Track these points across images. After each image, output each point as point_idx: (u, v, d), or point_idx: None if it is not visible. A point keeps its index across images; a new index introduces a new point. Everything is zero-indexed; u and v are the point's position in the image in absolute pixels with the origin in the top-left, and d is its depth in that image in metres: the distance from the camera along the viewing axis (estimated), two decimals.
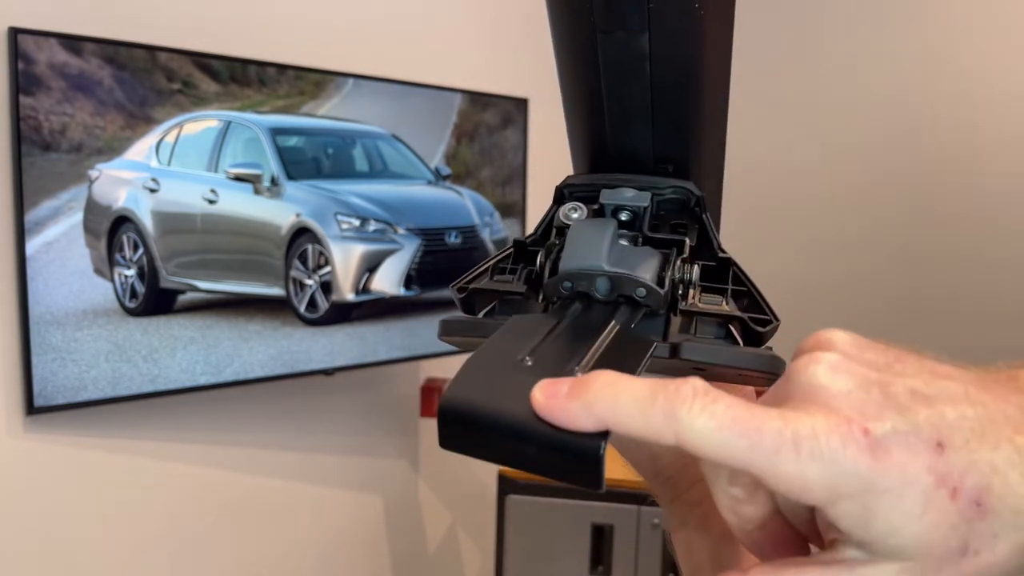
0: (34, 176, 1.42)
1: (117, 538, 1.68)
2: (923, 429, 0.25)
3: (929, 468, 0.24)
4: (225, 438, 1.84)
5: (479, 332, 0.37)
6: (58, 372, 1.47)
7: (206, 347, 1.65)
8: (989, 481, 0.24)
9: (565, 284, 0.35)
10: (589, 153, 0.41)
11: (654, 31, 0.33)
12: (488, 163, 2.11)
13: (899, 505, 0.24)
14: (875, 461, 0.24)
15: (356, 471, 2.13)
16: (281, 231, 1.73)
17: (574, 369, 0.30)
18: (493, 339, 0.32)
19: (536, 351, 0.31)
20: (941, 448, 0.25)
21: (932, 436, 0.25)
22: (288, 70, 1.73)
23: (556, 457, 0.28)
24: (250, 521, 1.92)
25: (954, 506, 0.24)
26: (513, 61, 2.26)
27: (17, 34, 1.38)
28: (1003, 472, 0.25)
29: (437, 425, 0.29)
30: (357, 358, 1.88)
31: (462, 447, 0.30)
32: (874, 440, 0.24)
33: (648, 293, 0.34)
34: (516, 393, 0.29)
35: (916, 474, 0.24)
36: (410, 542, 2.31)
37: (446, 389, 0.29)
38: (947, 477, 0.24)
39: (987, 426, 0.25)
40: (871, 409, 0.25)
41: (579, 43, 0.35)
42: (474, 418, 0.29)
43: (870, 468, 0.24)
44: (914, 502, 0.24)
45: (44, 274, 1.45)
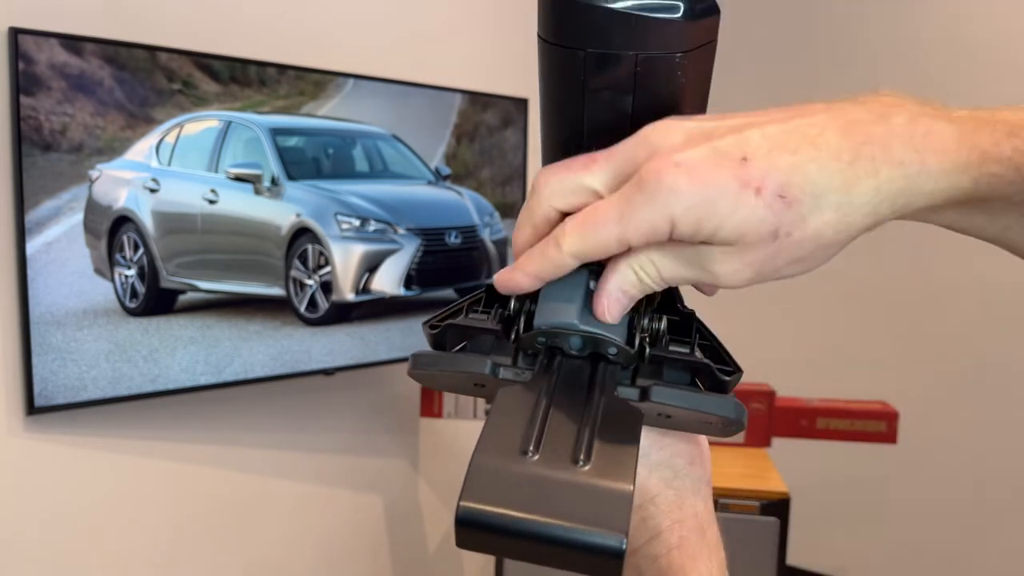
0: (34, 176, 1.42)
1: (117, 538, 1.68)
2: (729, 151, 0.32)
3: (735, 176, 0.31)
4: (225, 438, 1.84)
5: (451, 366, 0.38)
6: (58, 372, 1.47)
7: (206, 347, 1.65)
8: (789, 178, 0.31)
9: (540, 339, 0.37)
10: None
11: (639, 92, 0.36)
12: (488, 163, 2.11)
13: (715, 210, 0.32)
14: (690, 181, 0.31)
15: (356, 471, 2.13)
16: (281, 231, 1.73)
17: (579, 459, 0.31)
18: (490, 426, 0.33)
19: (535, 438, 0.32)
20: (746, 161, 0.32)
21: (737, 153, 0.32)
22: (288, 70, 1.73)
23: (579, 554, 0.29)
24: (250, 521, 1.92)
25: (760, 201, 0.31)
26: (513, 61, 2.26)
27: (17, 34, 1.38)
28: (802, 168, 0.31)
29: (455, 527, 0.30)
30: (357, 358, 1.88)
31: (480, 547, 0.31)
32: (686, 166, 0.32)
33: (619, 352, 0.36)
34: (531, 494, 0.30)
35: (724, 183, 0.31)
36: (410, 542, 2.31)
37: (461, 493, 0.30)
38: (751, 180, 0.31)
39: (790, 136, 0.32)
40: (687, 148, 0.32)
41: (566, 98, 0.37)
42: (492, 524, 0.30)
43: (687, 185, 0.31)
44: (726, 204, 0.31)
45: (44, 274, 1.45)
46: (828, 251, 0.34)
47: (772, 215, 0.32)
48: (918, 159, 0.32)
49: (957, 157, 0.32)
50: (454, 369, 0.37)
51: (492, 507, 0.30)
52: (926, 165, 0.32)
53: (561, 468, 0.31)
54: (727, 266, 0.33)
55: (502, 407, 0.34)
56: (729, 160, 0.32)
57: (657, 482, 0.41)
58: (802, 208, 0.32)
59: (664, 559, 0.39)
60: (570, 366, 0.36)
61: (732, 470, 1.85)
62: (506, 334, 0.38)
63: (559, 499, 0.30)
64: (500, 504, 0.30)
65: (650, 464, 0.41)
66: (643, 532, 0.40)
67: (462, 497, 0.30)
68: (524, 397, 0.34)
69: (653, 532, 0.40)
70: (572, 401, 0.34)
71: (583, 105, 0.37)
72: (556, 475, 0.31)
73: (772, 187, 0.31)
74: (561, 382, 0.35)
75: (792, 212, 0.32)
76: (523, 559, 0.30)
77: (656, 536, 0.39)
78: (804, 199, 0.32)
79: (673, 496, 0.41)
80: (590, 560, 0.29)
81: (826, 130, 0.32)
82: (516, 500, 0.30)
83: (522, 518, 0.29)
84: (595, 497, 0.30)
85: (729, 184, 0.31)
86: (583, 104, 0.37)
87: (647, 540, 0.40)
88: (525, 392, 0.35)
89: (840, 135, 0.32)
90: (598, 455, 0.31)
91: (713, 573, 0.39)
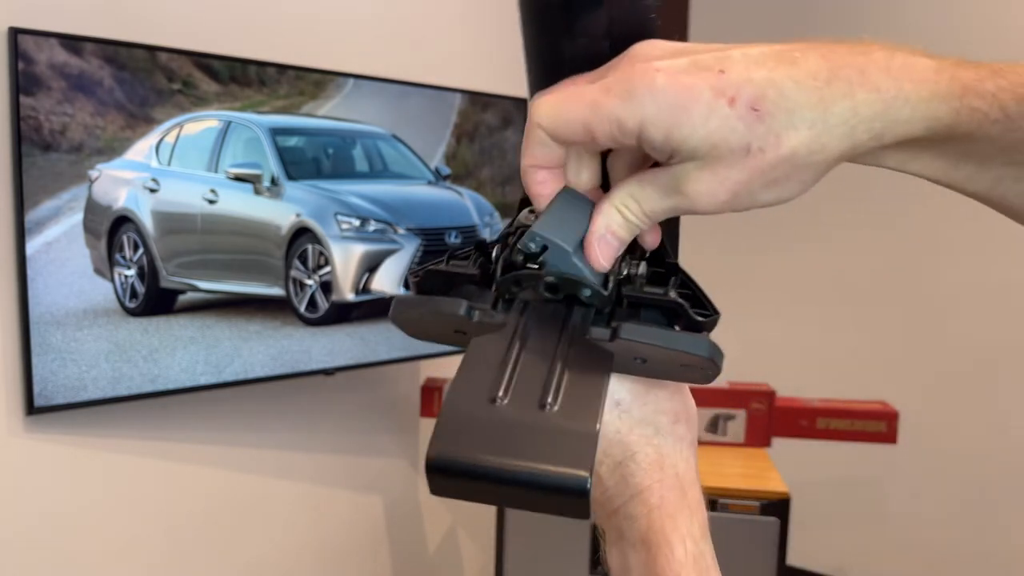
0: (34, 176, 1.42)
1: (117, 537, 1.68)
2: (708, 62, 0.32)
3: (710, 85, 0.32)
4: (225, 438, 1.84)
5: (426, 307, 0.38)
6: (58, 372, 1.47)
7: (206, 347, 1.65)
8: (764, 91, 0.32)
9: (515, 284, 0.37)
10: None
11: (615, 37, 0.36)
12: (488, 163, 2.11)
13: (687, 116, 0.32)
14: (667, 83, 0.32)
15: (356, 471, 2.13)
16: (281, 231, 1.73)
17: (546, 403, 0.32)
18: (460, 374, 0.33)
19: (505, 383, 0.32)
20: (722, 73, 0.32)
21: (715, 66, 0.32)
22: (288, 70, 1.73)
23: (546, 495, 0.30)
24: (250, 521, 1.92)
25: (733, 111, 0.32)
26: (513, 61, 2.25)
27: (17, 34, 1.38)
28: (778, 83, 0.32)
29: (427, 475, 0.31)
30: (357, 358, 1.88)
31: (452, 494, 0.31)
32: (667, 73, 0.32)
33: (592, 294, 0.36)
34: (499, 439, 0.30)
35: (699, 90, 0.32)
36: (410, 542, 2.31)
37: (431, 441, 0.31)
38: (725, 90, 0.32)
39: (768, 57, 0.32)
40: (669, 58, 0.33)
41: (547, 50, 0.39)
42: (463, 469, 0.30)
43: (662, 91, 0.32)
44: (697, 111, 0.32)
45: (44, 274, 1.45)
46: (803, 176, 0.33)
47: (744, 127, 0.32)
48: (895, 85, 0.32)
49: (936, 87, 0.32)
50: (429, 310, 0.37)
51: (461, 454, 0.30)
52: (903, 91, 0.32)
53: (528, 412, 0.31)
54: (701, 184, 0.33)
55: (474, 354, 0.35)
56: (706, 71, 0.32)
57: (638, 438, 0.40)
58: (775, 123, 0.32)
59: (644, 519, 0.38)
60: (543, 310, 0.37)
61: (732, 470, 1.85)
62: (485, 281, 0.39)
63: (526, 443, 0.30)
64: (469, 450, 0.30)
65: (632, 420, 0.40)
66: (624, 490, 0.39)
67: (431, 445, 0.30)
68: (496, 343, 0.35)
69: (634, 491, 0.39)
70: (543, 345, 0.35)
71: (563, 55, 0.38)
72: (523, 419, 0.31)
73: (745, 98, 0.32)
74: (533, 326, 0.36)
75: (764, 126, 0.32)
76: (495, 503, 0.31)
77: (637, 495, 0.39)
78: (777, 114, 0.32)
79: (654, 454, 0.39)
80: (558, 500, 0.30)
81: (806, 53, 0.33)
82: (484, 446, 0.30)
83: (490, 463, 0.30)
84: (561, 439, 0.31)
85: (703, 92, 0.32)
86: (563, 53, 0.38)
87: (628, 499, 0.39)
88: (497, 338, 0.35)
89: (819, 58, 0.32)
90: (565, 398, 0.32)
91: (694, 533, 0.38)
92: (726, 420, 1.96)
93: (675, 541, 0.38)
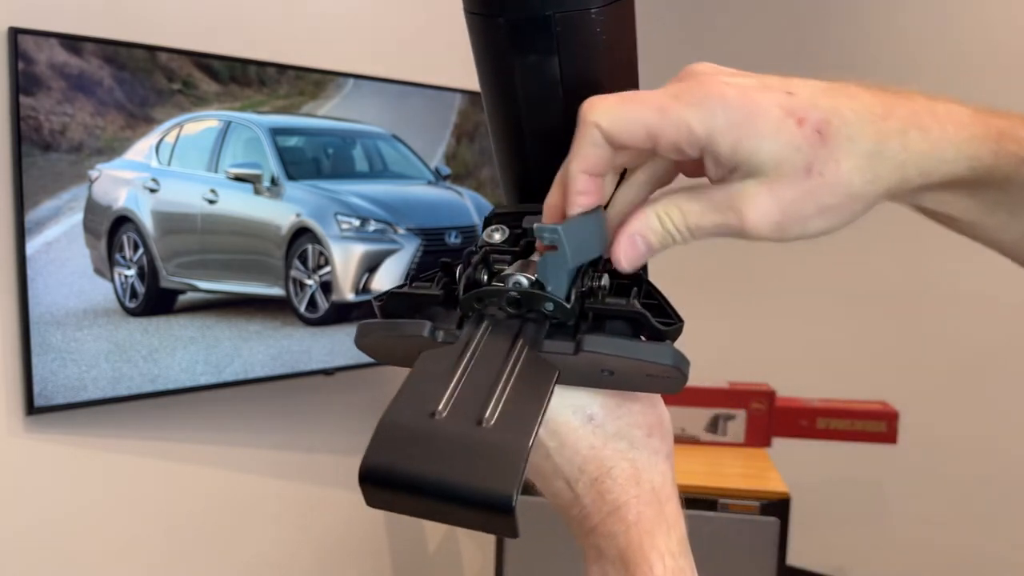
0: (34, 176, 1.42)
1: (117, 537, 1.68)
2: (775, 84, 0.34)
3: (779, 104, 0.33)
4: (225, 438, 1.84)
5: (390, 331, 0.37)
6: (58, 372, 1.47)
7: (206, 347, 1.65)
8: (828, 116, 0.33)
9: (476, 301, 0.37)
10: (515, 186, 0.43)
11: (563, 54, 0.36)
12: (488, 163, 2.11)
13: (755, 130, 0.33)
14: (739, 98, 0.33)
15: (356, 471, 2.13)
16: (281, 231, 1.73)
17: (483, 418, 0.31)
18: (404, 388, 0.33)
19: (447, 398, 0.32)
20: (791, 95, 0.33)
21: (783, 87, 0.34)
22: (288, 70, 1.73)
23: (474, 511, 0.30)
24: (250, 521, 1.92)
25: (800, 131, 0.33)
26: None
27: (17, 34, 1.38)
28: (842, 112, 0.33)
29: (359, 486, 0.31)
30: (357, 358, 1.88)
31: (385, 506, 0.31)
32: (737, 88, 0.33)
33: (555, 307, 0.36)
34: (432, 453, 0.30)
35: (768, 107, 0.33)
36: (410, 542, 2.31)
37: (365, 452, 0.31)
38: (794, 110, 0.33)
39: (830, 89, 0.34)
40: (737, 78, 0.34)
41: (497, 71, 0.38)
42: (393, 481, 0.30)
43: (734, 102, 0.33)
44: (767, 126, 0.33)
45: (44, 274, 1.45)
46: (854, 206, 0.34)
47: (809, 147, 0.33)
48: (940, 127, 0.34)
49: (974, 130, 0.34)
50: (393, 333, 0.37)
51: (393, 466, 0.30)
52: (947, 132, 0.34)
53: (464, 427, 0.31)
54: (758, 202, 0.34)
55: (421, 367, 0.34)
56: (776, 91, 0.33)
57: (612, 453, 0.39)
58: (837, 148, 0.33)
59: (622, 536, 0.38)
60: (501, 326, 0.36)
61: (732, 470, 1.85)
62: (450, 302, 0.38)
63: (457, 457, 0.30)
64: (400, 463, 0.30)
65: (606, 434, 0.39)
66: (601, 507, 0.39)
67: (365, 456, 0.30)
68: (444, 357, 0.35)
69: (611, 507, 0.38)
70: (492, 359, 0.34)
71: (513, 76, 0.37)
72: (458, 434, 0.31)
73: (813, 121, 0.33)
74: (487, 340, 0.35)
75: (826, 149, 0.33)
76: (428, 518, 0.30)
77: (614, 511, 0.38)
78: (840, 140, 0.33)
79: (629, 468, 0.39)
80: (485, 517, 0.30)
81: (861, 91, 0.34)
82: (416, 459, 0.30)
83: (420, 476, 0.30)
84: (492, 455, 0.30)
85: (773, 109, 0.33)
86: (513, 75, 0.37)
87: (605, 515, 0.39)
88: (447, 352, 0.35)
89: (873, 96, 0.34)
90: (503, 413, 0.32)
91: (672, 549, 0.38)
92: (726, 420, 1.96)
93: (654, 559, 0.37)
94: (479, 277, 0.37)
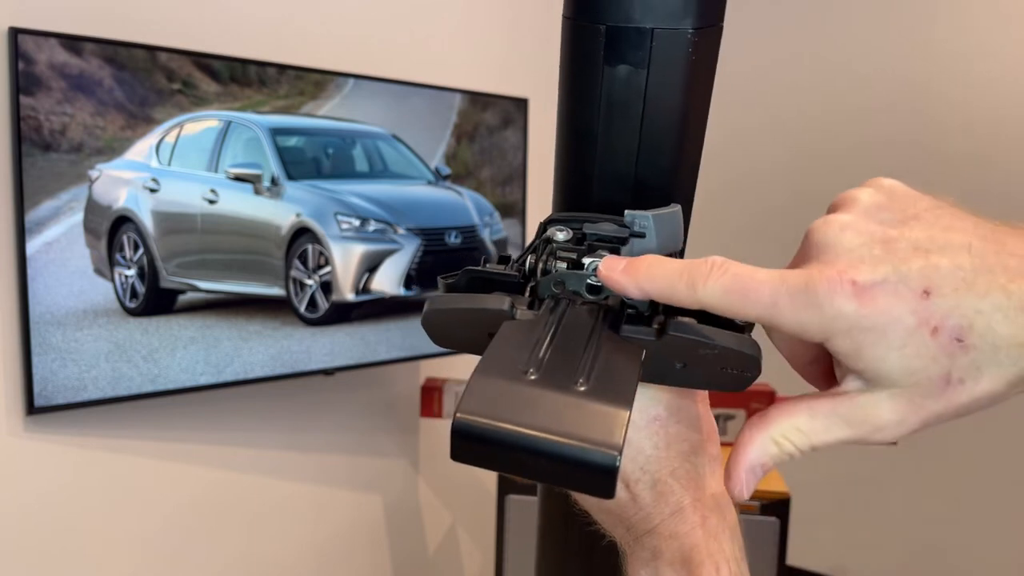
0: (34, 176, 1.42)
1: (117, 538, 1.68)
2: (912, 279, 0.29)
3: (912, 311, 0.29)
4: (225, 438, 1.84)
5: (469, 304, 0.37)
6: (58, 372, 1.47)
7: (206, 347, 1.65)
8: (971, 321, 0.29)
9: (556, 284, 0.37)
10: (573, 194, 0.44)
11: (653, 69, 0.37)
12: (488, 163, 2.11)
13: (883, 340, 0.29)
14: (861, 306, 0.29)
15: (356, 471, 2.13)
16: (281, 231, 1.73)
17: (577, 381, 0.31)
18: (492, 350, 0.33)
19: (536, 361, 0.32)
20: (927, 295, 0.29)
21: (920, 285, 0.29)
22: (288, 70, 1.73)
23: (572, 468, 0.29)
24: (250, 521, 1.92)
25: (935, 342, 0.29)
26: (513, 61, 2.26)
27: (17, 34, 1.38)
28: (987, 314, 0.29)
29: (450, 438, 0.30)
30: (357, 358, 1.88)
31: (474, 460, 0.30)
32: (861, 288, 0.29)
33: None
34: (527, 408, 0.30)
35: (899, 315, 0.29)
36: (410, 542, 2.31)
37: (458, 403, 0.30)
38: (929, 318, 0.29)
39: (980, 276, 0.29)
40: (867, 263, 0.30)
41: (585, 78, 0.39)
42: (488, 437, 0.29)
43: (856, 312, 0.29)
44: (896, 337, 0.29)
45: (44, 274, 1.45)
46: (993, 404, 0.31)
47: (946, 357, 0.29)
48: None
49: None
50: (473, 305, 0.37)
51: (488, 420, 0.29)
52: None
53: (559, 387, 0.31)
54: (894, 414, 0.30)
55: (505, 335, 0.34)
56: (909, 292, 0.29)
57: (676, 455, 0.39)
58: (980, 357, 0.29)
59: (687, 538, 0.37)
60: (579, 310, 0.36)
61: None
62: (519, 288, 0.39)
63: (556, 415, 0.30)
64: (496, 417, 0.30)
65: (669, 436, 0.39)
66: (663, 507, 0.38)
67: (458, 409, 0.30)
68: (527, 329, 0.34)
69: (674, 508, 0.38)
70: (575, 335, 0.34)
71: (600, 82, 0.38)
72: (554, 393, 0.31)
73: (950, 329, 0.29)
74: (568, 319, 0.35)
75: (968, 358, 0.29)
76: (518, 474, 0.30)
77: (677, 512, 0.38)
78: (983, 347, 0.29)
79: (692, 471, 0.39)
80: (584, 476, 0.29)
81: (1017, 278, 0.29)
82: (512, 414, 0.30)
83: (518, 431, 0.29)
84: (592, 415, 0.30)
85: (903, 319, 0.29)
86: (600, 81, 0.38)
87: (667, 516, 0.38)
88: (529, 325, 0.35)
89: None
90: (597, 379, 0.31)
91: (736, 555, 0.38)
92: (726, 420, 1.96)
93: (720, 562, 0.37)
94: (552, 266, 0.38)
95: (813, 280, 0.30)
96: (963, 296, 0.29)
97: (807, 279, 0.30)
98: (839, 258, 0.30)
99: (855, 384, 0.31)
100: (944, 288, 0.29)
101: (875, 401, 0.31)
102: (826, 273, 0.30)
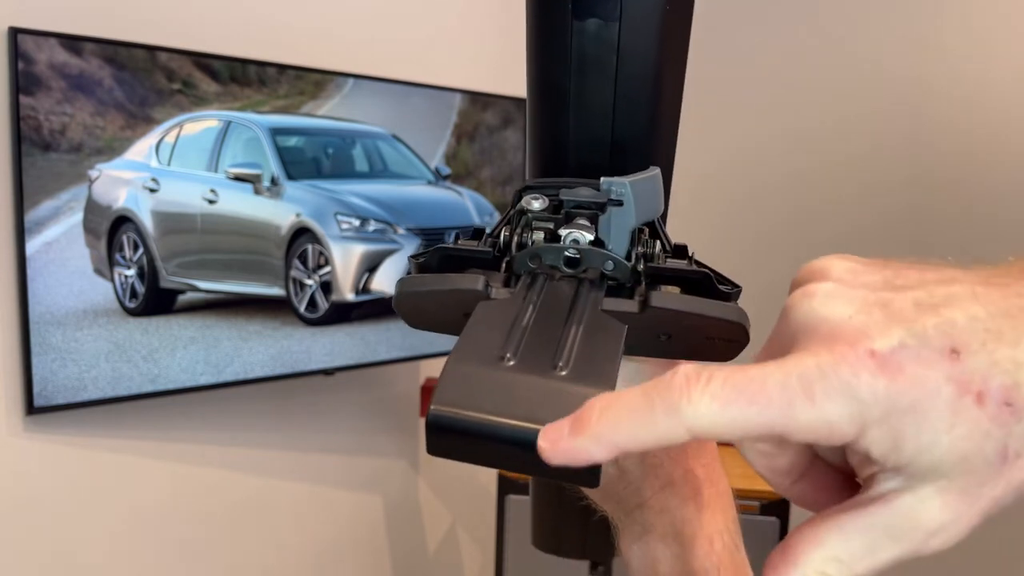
0: (34, 176, 1.42)
1: (117, 538, 1.68)
2: (932, 338, 0.24)
3: (948, 377, 0.23)
4: (225, 438, 1.84)
5: (441, 285, 0.35)
6: (58, 372, 1.47)
7: (206, 347, 1.65)
8: (1015, 378, 0.23)
9: (531, 259, 0.35)
10: (548, 158, 0.42)
11: (625, 21, 0.35)
12: (488, 163, 2.11)
13: (925, 421, 0.23)
14: (891, 381, 0.23)
15: (356, 471, 2.13)
16: (281, 231, 1.73)
17: (557, 365, 0.29)
18: (467, 334, 0.31)
19: (514, 345, 0.30)
20: (956, 354, 0.23)
21: (944, 344, 0.24)
22: (288, 70, 1.73)
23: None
24: (250, 521, 1.92)
25: (983, 412, 0.23)
26: (513, 61, 2.25)
27: (17, 34, 1.38)
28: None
29: (425, 432, 0.28)
30: (357, 358, 1.88)
31: (451, 454, 0.29)
32: (883, 359, 0.23)
33: (616, 266, 0.35)
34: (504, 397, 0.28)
35: (935, 386, 0.23)
36: (410, 542, 2.31)
37: (433, 396, 0.29)
38: (969, 383, 0.23)
39: (1003, 322, 0.24)
40: (875, 329, 0.24)
41: (554, 33, 0.37)
42: (465, 428, 0.28)
43: (887, 389, 0.23)
44: (939, 415, 0.23)
45: (44, 274, 1.45)
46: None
47: (999, 429, 0.23)
48: None
49: None
50: (444, 286, 0.35)
51: (464, 411, 0.28)
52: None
53: (538, 372, 0.29)
54: (947, 513, 0.25)
55: (480, 317, 0.32)
56: (935, 353, 0.23)
57: None
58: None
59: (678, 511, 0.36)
60: (557, 285, 0.34)
61: (732, 470, 1.85)
62: (494, 264, 0.37)
63: (536, 403, 0.28)
64: (472, 408, 0.28)
65: None
66: (652, 481, 0.37)
67: (433, 401, 0.28)
68: (504, 308, 0.33)
69: (664, 481, 0.37)
70: (555, 313, 0.33)
71: (569, 38, 0.36)
72: (532, 379, 0.29)
73: (996, 392, 0.23)
74: (546, 296, 0.34)
75: (1021, 427, 0.24)
76: (499, 466, 0.28)
77: (668, 486, 0.37)
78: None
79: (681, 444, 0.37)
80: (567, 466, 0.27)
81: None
82: (489, 403, 0.28)
83: (495, 422, 0.28)
84: (572, 401, 0.28)
85: (941, 388, 0.23)
86: (569, 36, 0.36)
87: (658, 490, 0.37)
88: (505, 304, 0.33)
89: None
90: (577, 361, 0.30)
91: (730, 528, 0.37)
92: None
93: (713, 533, 0.36)
94: (528, 239, 0.35)
95: (826, 361, 0.24)
96: (995, 350, 0.24)
97: (817, 363, 0.24)
98: (839, 331, 0.24)
99: (890, 484, 0.25)
100: (972, 344, 0.24)
101: (920, 501, 0.25)
102: (838, 349, 0.24)
